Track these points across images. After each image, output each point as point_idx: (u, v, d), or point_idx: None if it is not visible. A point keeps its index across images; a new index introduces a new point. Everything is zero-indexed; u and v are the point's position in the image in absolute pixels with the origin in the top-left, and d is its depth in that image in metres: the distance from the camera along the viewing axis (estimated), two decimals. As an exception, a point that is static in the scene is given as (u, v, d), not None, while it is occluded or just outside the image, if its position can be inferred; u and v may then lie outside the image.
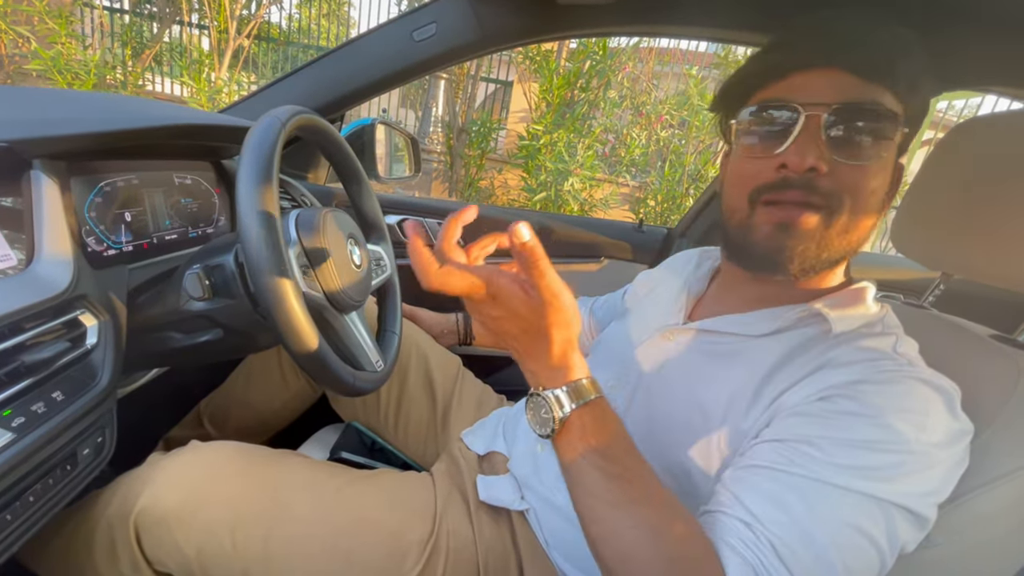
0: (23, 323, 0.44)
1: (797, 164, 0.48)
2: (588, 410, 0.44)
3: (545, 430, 0.45)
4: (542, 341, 0.43)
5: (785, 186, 0.50)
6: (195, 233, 0.75)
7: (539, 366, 0.45)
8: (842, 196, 0.49)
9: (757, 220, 0.52)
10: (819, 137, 0.48)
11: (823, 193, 0.49)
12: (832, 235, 0.50)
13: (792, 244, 0.50)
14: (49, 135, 0.51)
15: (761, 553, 0.40)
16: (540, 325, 0.42)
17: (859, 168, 0.49)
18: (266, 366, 0.91)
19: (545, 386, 0.45)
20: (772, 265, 0.52)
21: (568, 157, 3.68)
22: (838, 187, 0.49)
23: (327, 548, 0.57)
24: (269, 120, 0.54)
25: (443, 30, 0.93)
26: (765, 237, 0.52)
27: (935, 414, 0.43)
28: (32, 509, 0.44)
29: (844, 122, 0.48)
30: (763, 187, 0.51)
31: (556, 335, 0.43)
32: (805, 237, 0.50)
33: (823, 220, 0.49)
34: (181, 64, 4.60)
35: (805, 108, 0.48)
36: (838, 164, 0.48)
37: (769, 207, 0.51)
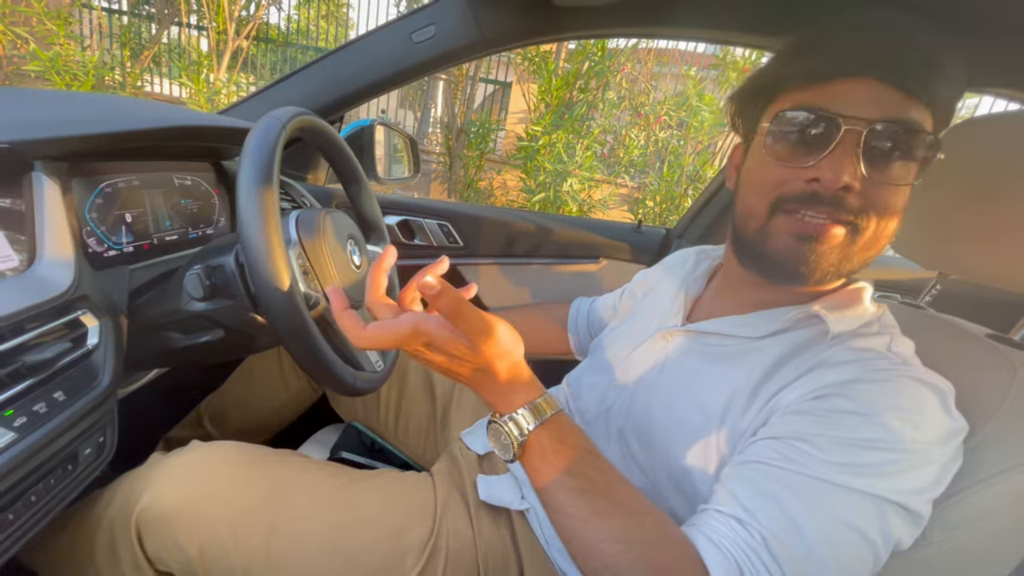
0: (24, 324, 0.45)
1: (831, 181, 0.46)
2: (545, 429, 0.44)
3: (508, 455, 0.45)
4: (487, 374, 0.43)
5: (814, 201, 0.48)
6: (195, 234, 0.76)
7: (492, 396, 0.45)
8: (870, 214, 0.47)
9: (776, 228, 0.51)
10: (856, 153, 0.46)
11: (852, 211, 0.47)
12: (855, 249, 0.49)
13: (814, 257, 0.49)
14: (50, 137, 0.51)
15: (750, 549, 0.40)
16: (479, 361, 0.42)
17: (890, 188, 0.47)
18: (266, 366, 0.91)
19: (501, 411, 0.45)
20: (791, 275, 0.51)
21: (567, 158, 3.68)
22: (867, 205, 0.47)
23: (327, 547, 0.58)
24: (269, 121, 0.54)
25: (442, 32, 0.93)
26: (785, 247, 0.50)
27: (929, 412, 0.44)
28: (34, 509, 0.44)
29: (883, 140, 0.46)
30: (788, 197, 0.49)
31: (499, 365, 0.43)
32: (828, 250, 0.48)
33: (848, 235, 0.48)
34: (180, 65, 4.60)
35: (845, 120, 0.46)
36: (870, 183, 0.47)
37: (791, 216, 0.49)
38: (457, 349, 0.42)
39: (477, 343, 0.41)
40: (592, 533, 0.42)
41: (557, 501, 0.43)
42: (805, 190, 0.48)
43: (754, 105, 0.55)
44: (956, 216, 0.59)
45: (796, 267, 0.50)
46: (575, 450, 0.44)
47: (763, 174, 0.52)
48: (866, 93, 0.46)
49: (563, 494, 0.43)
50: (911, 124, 0.46)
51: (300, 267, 0.56)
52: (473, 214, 1.29)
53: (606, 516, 0.42)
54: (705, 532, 0.43)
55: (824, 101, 0.48)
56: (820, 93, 0.48)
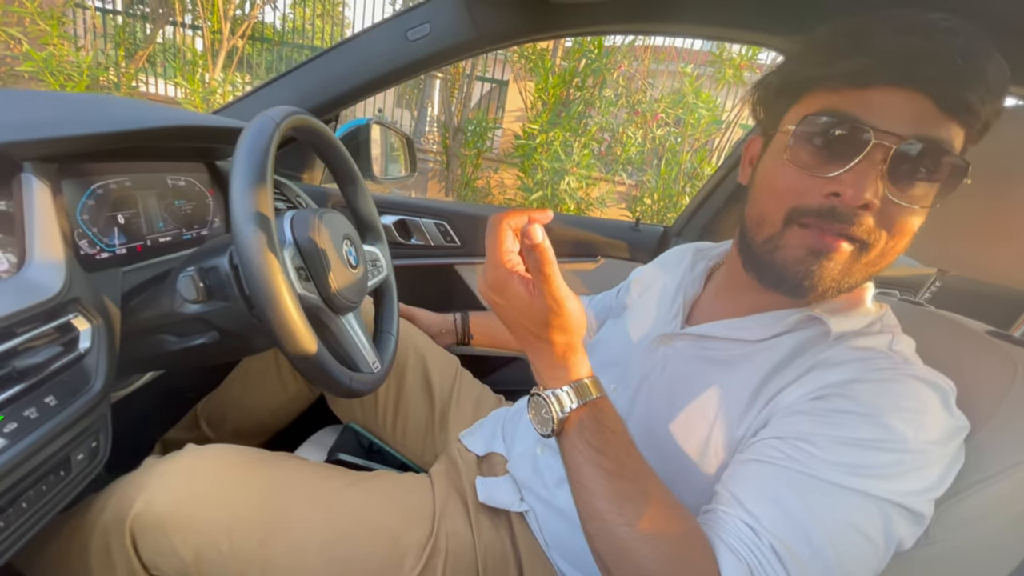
0: (15, 328, 0.44)
1: (852, 198, 0.44)
2: (587, 409, 0.45)
3: (545, 429, 0.46)
4: (543, 343, 0.45)
5: (832, 217, 0.45)
6: (189, 235, 0.75)
7: (541, 365, 0.47)
8: (882, 234, 0.45)
9: (789, 240, 0.48)
10: (881, 168, 0.43)
11: (866, 229, 0.45)
12: (860, 266, 0.47)
13: (820, 272, 0.47)
14: (39, 137, 0.51)
15: (760, 552, 0.40)
16: (540, 329, 0.44)
17: (908, 210, 0.45)
18: (263, 368, 0.90)
19: (547, 385, 0.46)
20: (794, 288, 0.49)
21: (564, 156, 3.68)
22: (883, 224, 0.45)
23: (325, 551, 0.57)
24: (263, 121, 0.53)
25: (437, 29, 0.92)
26: (795, 261, 0.48)
27: (931, 412, 0.43)
28: (26, 516, 0.43)
29: (910, 160, 0.43)
30: (805, 210, 0.47)
31: (557, 339, 0.44)
32: (834, 266, 0.46)
33: (856, 252, 0.46)
34: (175, 65, 4.58)
35: (876, 134, 0.43)
36: (889, 202, 0.44)
37: (804, 229, 0.47)
38: (528, 308, 0.43)
39: (547, 310, 0.42)
40: (616, 516, 0.42)
41: (587, 479, 0.44)
42: (824, 204, 0.46)
43: (779, 101, 0.52)
44: (955, 212, 0.59)
45: (800, 281, 0.48)
46: (612, 434, 0.45)
47: (781, 180, 0.49)
48: (903, 105, 0.43)
49: (594, 473, 0.43)
50: (942, 145, 0.43)
51: (295, 268, 0.56)
52: (470, 213, 1.28)
53: (632, 501, 0.42)
54: (718, 533, 0.42)
55: (857, 108, 0.44)
56: (853, 99, 0.45)
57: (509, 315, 0.45)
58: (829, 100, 0.46)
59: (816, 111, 0.46)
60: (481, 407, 0.90)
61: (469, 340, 1.03)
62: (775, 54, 1.04)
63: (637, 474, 0.44)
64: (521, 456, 0.68)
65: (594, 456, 0.44)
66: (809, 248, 0.47)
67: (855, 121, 0.44)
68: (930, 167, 0.43)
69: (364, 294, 0.69)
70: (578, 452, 0.44)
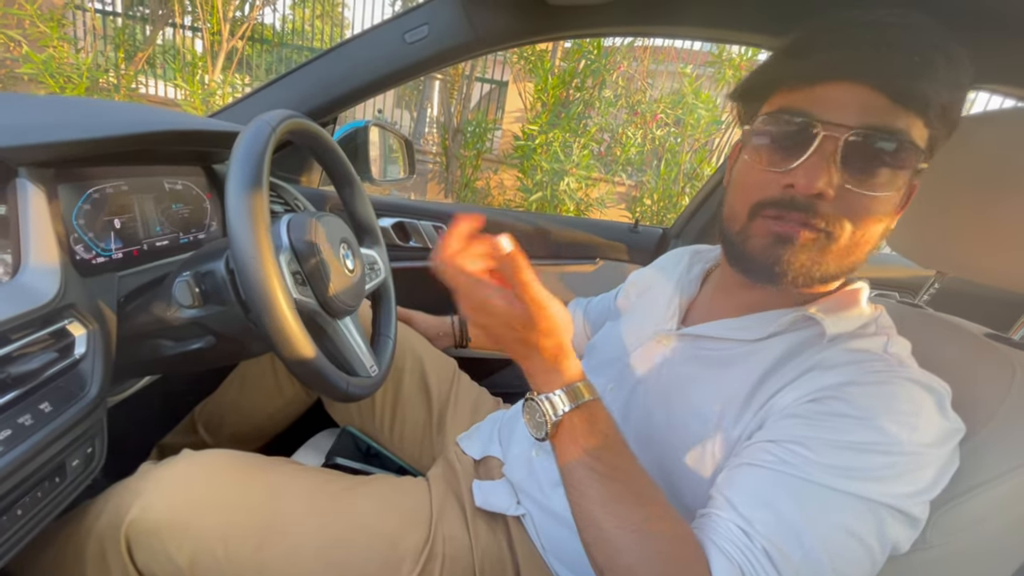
0: (10, 334, 0.44)
1: (804, 187, 0.46)
2: (579, 412, 0.45)
3: (540, 433, 0.47)
4: (532, 348, 0.45)
5: (789, 206, 0.48)
6: (186, 239, 0.75)
7: (535, 371, 0.47)
8: (844, 222, 0.47)
9: (755, 230, 0.51)
10: (833, 160, 0.45)
11: (825, 217, 0.47)
12: (830, 255, 0.48)
13: (788, 258, 0.49)
14: (34, 142, 0.50)
15: (752, 554, 0.40)
16: (527, 335, 0.44)
17: (869, 197, 0.46)
18: (260, 372, 0.90)
19: (540, 390, 0.47)
20: (768, 275, 0.51)
21: (564, 157, 3.68)
22: (842, 213, 0.46)
23: (322, 557, 0.57)
24: (259, 125, 0.53)
25: (435, 32, 0.92)
26: (762, 248, 0.50)
27: (926, 414, 0.43)
28: (21, 522, 0.43)
29: (862, 149, 0.45)
30: (766, 202, 0.49)
31: (545, 343, 0.45)
32: (801, 253, 0.48)
33: (822, 240, 0.48)
34: (174, 66, 4.58)
35: (824, 126, 0.45)
36: (847, 191, 0.46)
37: (768, 220, 0.50)
38: (510, 317, 0.43)
39: (530, 316, 0.43)
40: (610, 519, 0.42)
41: (581, 483, 0.44)
42: (783, 196, 0.48)
43: (751, 105, 0.55)
44: (954, 214, 0.58)
45: (770, 267, 0.50)
46: (605, 437, 0.45)
47: (746, 176, 0.52)
48: (851, 98, 0.45)
49: (588, 477, 0.44)
50: (895, 133, 0.44)
51: (291, 272, 0.56)
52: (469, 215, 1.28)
53: (626, 503, 0.43)
54: (710, 536, 0.43)
55: (808, 105, 0.47)
56: (806, 96, 0.47)
57: (496, 330, 0.46)
58: (786, 99, 0.49)
59: (772, 110, 0.50)
60: (479, 410, 0.90)
61: (467, 342, 1.03)
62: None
63: (630, 476, 0.45)
64: (517, 459, 0.68)
65: (587, 459, 0.44)
66: (774, 236, 0.49)
67: (805, 115, 0.46)
68: (883, 155, 0.45)
69: (361, 298, 0.69)
70: (571, 455, 0.45)
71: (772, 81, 0.51)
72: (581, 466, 0.44)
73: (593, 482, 0.44)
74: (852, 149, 0.45)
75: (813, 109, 0.46)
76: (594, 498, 0.43)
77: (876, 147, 0.45)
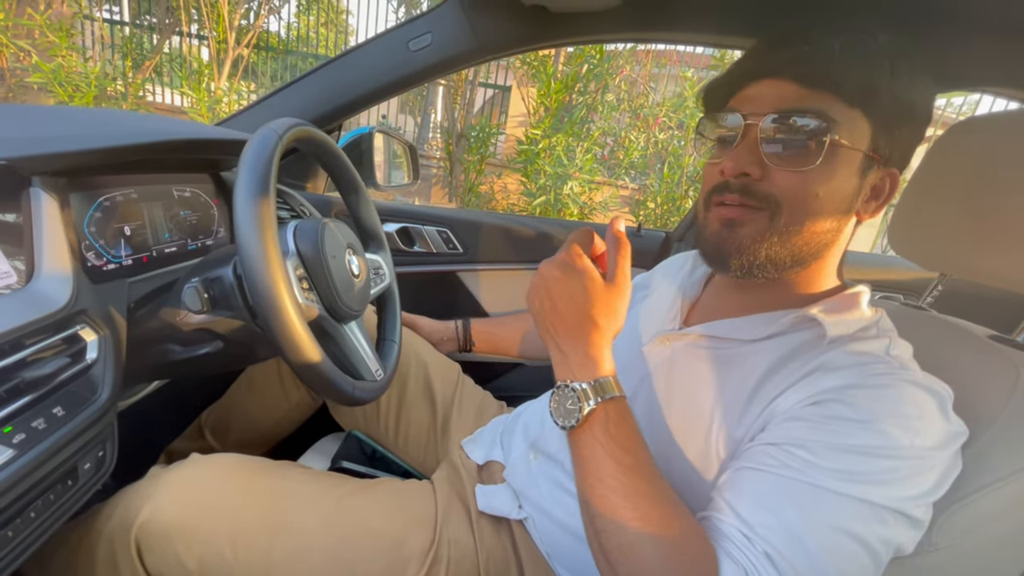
0: (23, 340, 0.45)
1: (730, 169, 0.51)
2: (613, 404, 0.46)
3: (569, 421, 0.47)
4: (588, 328, 0.47)
5: (725, 189, 0.53)
6: (194, 245, 0.76)
7: (576, 355, 0.48)
8: (778, 199, 0.50)
9: (709, 219, 0.55)
10: (756, 145, 0.50)
11: (758, 196, 0.51)
12: (774, 236, 0.51)
13: (733, 239, 0.52)
14: (48, 152, 0.52)
15: (754, 557, 0.40)
16: (592, 310, 0.47)
17: (796, 174, 0.50)
18: (266, 377, 0.91)
19: (575, 377, 0.47)
20: (719, 261, 0.55)
21: (567, 161, 3.68)
22: (773, 191, 0.50)
23: (329, 559, 0.57)
24: (266, 133, 0.54)
25: (438, 40, 0.93)
26: (713, 233, 0.55)
27: (928, 418, 0.43)
28: (34, 525, 0.44)
29: (778, 130, 0.50)
30: (711, 190, 0.55)
31: (604, 323, 0.47)
32: (744, 233, 0.52)
33: (763, 220, 0.51)
34: (181, 75, 4.63)
35: (746, 117, 0.51)
36: (773, 170, 0.50)
37: (716, 208, 0.54)
38: (598, 282, 0.47)
39: (618, 284, 0.48)
40: (629, 511, 0.43)
41: (605, 474, 0.45)
42: (719, 181, 0.53)
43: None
44: (957, 216, 0.59)
45: (721, 251, 0.54)
46: (632, 431, 0.47)
47: (703, 173, 0.59)
48: (768, 91, 0.51)
49: (615, 468, 0.44)
50: (807, 111, 0.49)
51: (298, 278, 0.56)
52: (472, 220, 1.29)
53: (646, 497, 0.44)
54: (714, 538, 0.43)
55: (738, 103, 0.53)
56: (737, 99, 0.54)
57: (560, 303, 0.48)
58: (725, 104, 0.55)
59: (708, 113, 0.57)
60: (483, 414, 0.90)
61: (471, 347, 1.03)
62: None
63: (652, 473, 0.46)
64: (517, 463, 0.68)
65: (615, 450, 0.45)
66: (721, 220, 0.54)
67: (730, 111, 0.53)
68: (798, 133, 0.49)
69: (367, 302, 0.69)
70: (600, 446, 0.45)
71: (718, 92, 0.57)
72: (608, 456, 0.45)
73: (619, 474, 0.44)
74: (769, 131, 0.50)
75: (738, 106, 0.53)
76: (617, 489, 0.44)
77: (790, 124, 0.49)
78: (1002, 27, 0.66)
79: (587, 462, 0.46)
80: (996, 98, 0.93)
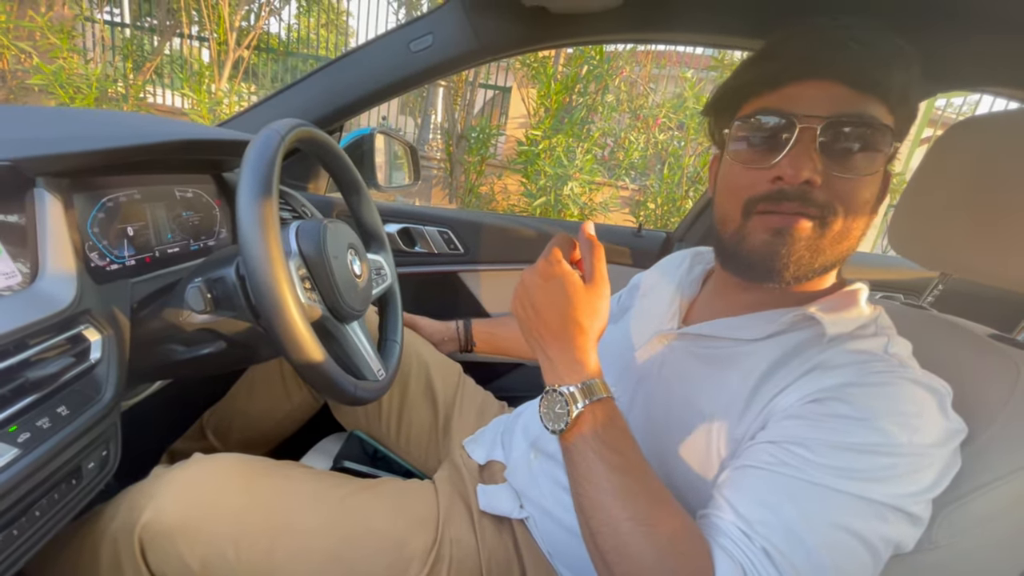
0: (27, 339, 0.45)
1: (792, 176, 0.48)
2: (600, 406, 0.47)
3: (558, 425, 0.47)
4: (572, 331, 0.48)
5: (781, 198, 0.50)
6: (197, 246, 0.76)
7: (562, 359, 0.49)
8: (835, 206, 0.49)
9: (752, 228, 0.52)
10: (813, 149, 0.48)
11: (818, 204, 0.49)
12: (826, 243, 0.50)
13: (787, 251, 0.50)
14: (51, 153, 0.52)
15: (752, 554, 0.40)
16: (576, 313, 0.48)
17: (852, 180, 0.49)
18: (268, 377, 0.91)
19: (563, 381, 0.48)
20: (767, 272, 0.52)
21: (567, 161, 3.68)
22: (832, 198, 0.49)
23: (331, 559, 0.58)
24: (268, 134, 0.54)
25: (439, 41, 0.94)
26: (761, 244, 0.51)
27: (927, 415, 0.43)
28: (38, 524, 0.44)
29: (838, 135, 0.48)
30: (758, 198, 0.51)
31: (587, 323, 0.48)
32: (800, 243, 0.50)
33: (817, 228, 0.50)
34: (182, 76, 4.63)
35: (799, 120, 0.48)
36: (832, 176, 0.48)
37: (764, 216, 0.51)
38: (578, 287, 0.48)
39: (597, 286, 0.49)
40: (621, 511, 0.43)
41: (595, 475, 0.45)
42: (772, 189, 0.50)
43: (721, 115, 0.58)
44: (957, 215, 0.59)
45: (770, 263, 0.51)
46: (621, 431, 0.47)
47: (733, 179, 0.54)
48: (818, 93, 0.49)
49: (604, 469, 0.45)
50: (864, 118, 0.48)
51: (300, 278, 0.57)
52: (473, 220, 1.29)
53: (638, 496, 0.44)
54: (712, 535, 0.43)
55: (780, 103, 0.50)
56: (777, 96, 0.51)
57: (543, 309, 0.49)
58: (757, 103, 0.52)
59: (747, 114, 0.53)
60: (484, 414, 0.90)
61: (472, 347, 1.03)
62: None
63: (641, 471, 0.46)
64: (518, 462, 0.68)
65: (604, 451, 0.45)
66: (772, 230, 0.51)
67: (780, 113, 0.50)
68: (858, 139, 0.48)
69: (369, 303, 0.70)
70: (589, 448, 0.46)
71: (741, 88, 0.55)
72: (598, 458, 0.45)
73: (608, 474, 0.44)
74: (829, 136, 0.48)
75: (787, 107, 0.50)
76: (608, 490, 0.44)
77: (849, 131, 0.48)
78: (1002, 26, 0.66)
79: (578, 464, 0.46)
80: (996, 98, 0.93)
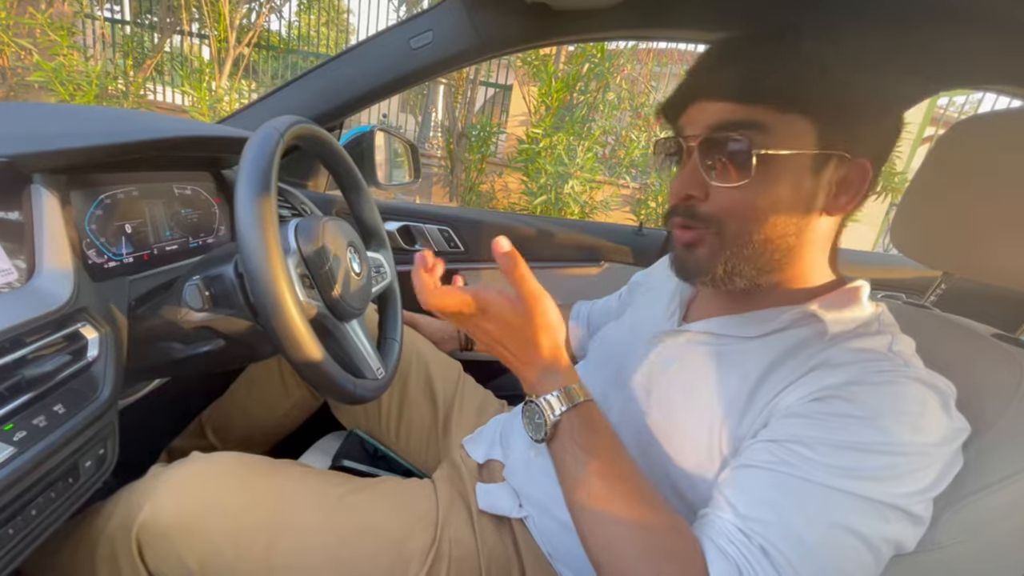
0: (24, 337, 0.45)
1: (676, 194, 0.53)
2: (577, 412, 0.48)
3: (539, 434, 0.49)
4: (531, 346, 0.49)
5: (674, 213, 0.55)
6: (195, 243, 0.76)
7: (532, 371, 0.50)
8: (720, 217, 0.51)
9: (673, 238, 0.57)
10: (697, 166, 0.51)
11: (701, 218, 0.52)
12: (726, 251, 0.52)
13: (691, 260, 0.54)
14: (49, 150, 0.51)
15: (749, 553, 0.40)
16: (527, 331, 0.48)
17: (733, 190, 0.50)
18: (267, 375, 0.91)
19: (538, 392, 0.49)
20: (685, 278, 0.58)
21: (568, 160, 3.68)
22: (714, 210, 0.51)
23: (330, 558, 0.57)
24: (267, 131, 0.54)
25: (440, 37, 0.93)
26: (676, 255, 0.57)
27: (930, 414, 0.43)
28: (34, 523, 0.44)
29: (711, 148, 0.50)
30: (667, 212, 0.57)
31: (543, 339, 0.48)
32: (700, 253, 0.53)
33: (713, 238, 0.52)
34: (182, 73, 4.63)
35: (686, 140, 0.52)
36: (715, 188, 0.51)
37: (676, 229, 0.56)
38: (511, 313, 0.48)
39: (528, 309, 0.47)
40: (608, 514, 0.44)
41: (579, 480, 0.46)
42: (672, 205, 0.55)
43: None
44: (960, 214, 0.58)
45: (685, 271, 0.56)
46: (603, 435, 0.48)
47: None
48: (701, 113, 0.51)
49: (586, 474, 0.45)
50: (738, 125, 0.48)
51: (299, 276, 0.56)
52: (473, 219, 1.29)
53: (624, 499, 0.44)
54: (709, 535, 0.43)
55: (679, 127, 0.54)
56: (681, 121, 0.54)
57: (495, 335, 0.50)
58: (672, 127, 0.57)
59: (662, 138, 0.58)
60: (484, 413, 0.90)
61: (472, 346, 1.03)
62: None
63: (626, 473, 0.46)
64: (517, 462, 0.68)
65: (585, 456, 0.46)
66: (679, 242, 0.56)
67: (674, 137, 0.55)
68: (730, 148, 0.49)
69: (368, 301, 0.69)
70: (569, 454, 0.47)
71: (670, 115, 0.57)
72: (579, 464, 0.46)
73: (591, 478, 0.45)
74: (704, 151, 0.50)
75: (681, 130, 0.54)
76: (594, 493, 0.45)
77: (721, 141, 0.49)
78: (1003, 24, 0.66)
79: (561, 470, 0.48)
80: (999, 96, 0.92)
